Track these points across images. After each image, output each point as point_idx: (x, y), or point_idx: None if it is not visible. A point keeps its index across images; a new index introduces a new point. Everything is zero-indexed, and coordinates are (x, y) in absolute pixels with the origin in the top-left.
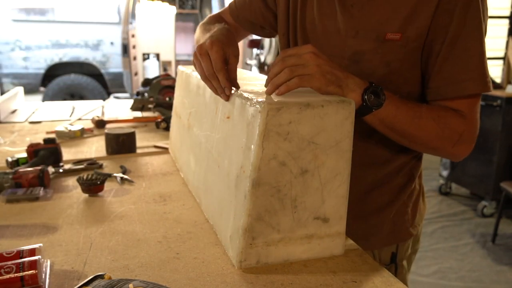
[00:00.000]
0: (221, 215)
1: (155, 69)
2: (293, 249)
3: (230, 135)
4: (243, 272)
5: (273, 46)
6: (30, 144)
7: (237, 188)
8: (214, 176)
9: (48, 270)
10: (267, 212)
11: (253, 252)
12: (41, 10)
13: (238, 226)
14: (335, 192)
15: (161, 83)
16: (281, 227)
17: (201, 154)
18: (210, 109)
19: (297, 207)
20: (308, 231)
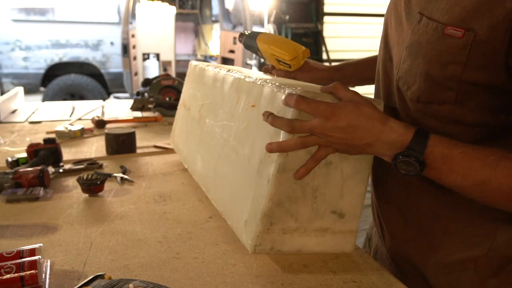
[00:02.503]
0: (235, 201)
1: (155, 69)
2: (307, 240)
3: (255, 122)
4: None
5: None
6: (30, 144)
7: (259, 173)
8: (229, 163)
9: (48, 270)
10: (288, 199)
11: (269, 238)
12: (41, 10)
13: (256, 210)
14: (354, 189)
15: (161, 83)
16: (299, 216)
17: (213, 144)
18: (230, 99)
19: (317, 198)
20: (324, 224)
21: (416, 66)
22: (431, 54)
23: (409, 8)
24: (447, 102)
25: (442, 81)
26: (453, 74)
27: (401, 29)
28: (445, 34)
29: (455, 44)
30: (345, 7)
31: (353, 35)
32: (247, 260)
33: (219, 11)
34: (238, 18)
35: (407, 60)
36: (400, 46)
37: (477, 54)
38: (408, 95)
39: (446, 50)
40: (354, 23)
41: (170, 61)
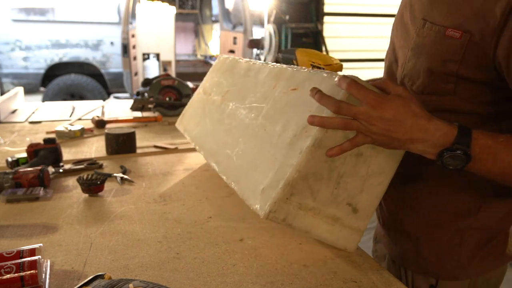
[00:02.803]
0: (255, 171)
1: (155, 69)
2: (318, 224)
3: (293, 103)
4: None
5: (273, 46)
6: (30, 144)
7: (291, 145)
8: (253, 138)
9: (48, 270)
10: (313, 175)
11: (285, 208)
12: (41, 10)
13: (280, 179)
14: (374, 188)
15: (161, 83)
16: (318, 196)
17: (234, 124)
18: (265, 85)
19: (339, 184)
20: (337, 213)
21: (420, 63)
22: (433, 53)
23: (414, 15)
24: (446, 94)
25: (442, 76)
26: (451, 70)
27: (406, 35)
28: (446, 35)
29: (453, 44)
30: (345, 7)
31: (353, 35)
32: (247, 260)
33: (219, 11)
34: (238, 18)
35: (412, 59)
36: (405, 48)
37: (471, 54)
38: (413, 89)
39: (446, 49)
40: (354, 23)
41: (170, 61)
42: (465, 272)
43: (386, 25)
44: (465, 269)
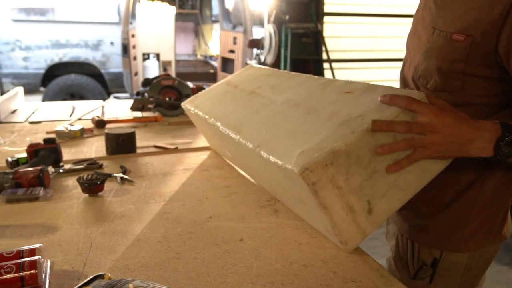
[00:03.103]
0: (289, 138)
1: (155, 69)
2: (336, 205)
3: (346, 100)
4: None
5: (273, 46)
6: (30, 144)
7: (341, 125)
8: (289, 119)
9: (48, 270)
10: (356, 158)
11: (319, 173)
12: (41, 10)
13: (325, 146)
14: (393, 200)
15: (161, 83)
16: (350, 179)
17: (266, 108)
18: (312, 87)
19: (371, 178)
20: (356, 204)
21: (431, 64)
22: (442, 55)
23: (425, 25)
24: (456, 90)
25: (451, 74)
26: (458, 69)
27: (419, 42)
28: (452, 39)
29: (459, 46)
30: (345, 7)
31: (353, 35)
32: (247, 260)
33: (219, 11)
34: (238, 18)
35: (424, 62)
36: (417, 54)
37: (475, 53)
38: (428, 87)
39: (453, 51)
40: (354, 23)
41: (170, 61)
42: (467, 245)
43: (386, 25)
44: (468, 243)
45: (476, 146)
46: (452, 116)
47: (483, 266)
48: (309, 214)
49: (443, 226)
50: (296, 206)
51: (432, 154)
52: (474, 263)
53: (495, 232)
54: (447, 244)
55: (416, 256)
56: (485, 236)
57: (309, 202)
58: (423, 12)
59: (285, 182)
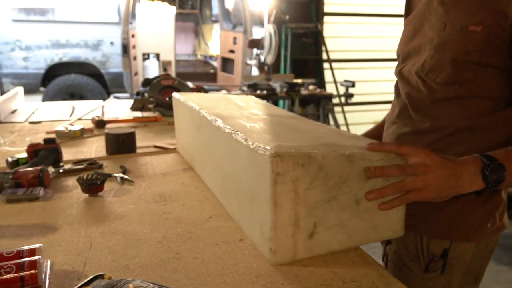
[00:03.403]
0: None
1: (155, 69)
2: (285, 208)
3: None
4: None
5: (273, 46)
6: (30, 144)
7: (324, 145)
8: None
9: (48, 270)
10: (326, 174)
11: (287, 168)
12: (41, 10)
13: (302, 149)
14: (334, 238)
15: (161, 83)
16: (310, 191)
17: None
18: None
19: (328, 202)
20: (303, 221)
21: (444, 57)
22: (457, 46)
23: (431, 24)
24: (467, 82)
25: (465, 65)
26: (473, 59)
27: (424, 41)
28: (468, 31)
29: (475, 37)
30: (345, 7)
31: (353, 35)
32: (247, 260)
33: (219, 11)
34: (238, 18)
35: (435, 56)
36: (423, 52)
37: (490, 44)
38: (437, 81)
39: (469, 42)
40: (354, 23)
41: (170, 61)
42: (475, 235)
43: (386, 25)
44: (475, 233)
45: (466, 180)
46: (438, 155)
47: (488, 256)
48: (251, 215)
49: (451, 218)
50: (239, 207)
51: (427, 196)
52: (480, 252)
53: (498, 221)
54: (456, 235)
55: (426, 249)
56: (491, 225)
57: (258, 198)
58: (424, 15)
59: (244, 173)
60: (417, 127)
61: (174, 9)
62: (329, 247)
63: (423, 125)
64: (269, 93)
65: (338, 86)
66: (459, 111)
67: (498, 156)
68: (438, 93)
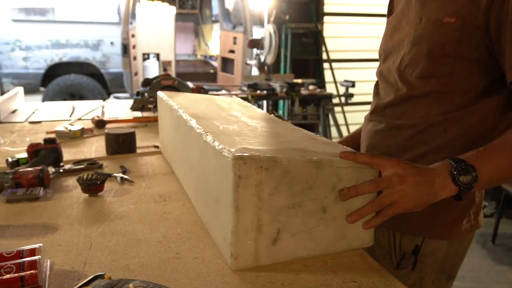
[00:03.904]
0: (238, 139)
1: (155, 69)
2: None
3: (306, 140)
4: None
5: (273, 46)
6: (31, 144)
7: (293, 150)
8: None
9: (48, 270)
10: (291, 179)
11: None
12: (41, 10)
13: (268, 153)
14: (299, 245)
15: (161, 83)
16: (274, 196)
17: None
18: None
19: (293, 208)
20: (266, 226)
21: (420, 50)
22: (433, 39)
23: (409, 20)
24: (444, 76)
25: (441, 57)
26: (449, 51)
27: (403, 36)
28: (443, 23)
29: (450, 28)
30: (345, 7)
31: (353, 35)
32: None
33: (219, 11)
34: (238, 18)
35: (412, 50)
36: (402, 47)
37: (466, 35)
38: (413, 76)
39: (444, 34)
40: (354, 23)
41: (170, 61)
42: (449, 232)
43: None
44: (449, 230)
45: (439, 185)
46: (409, 164)
47: (462, 254)
48: (217, 218)
49: (425, 214)
50: (207, 210)
51: (405, 206)
52: (453, 250)
53: (473, 219)
54: (430, 232)
55: (398, 246)
56: (466, 223)
57: (223, 201)
58: (403, 12)
59: (212, 175)
60: (391, 123)
61: (174, 9)
62: (294, 254)
63: (397, 121)
64: (269, 93)
65: (338, 86)
66: (434, 106)
67: (468, 157)
68: (415, 88)
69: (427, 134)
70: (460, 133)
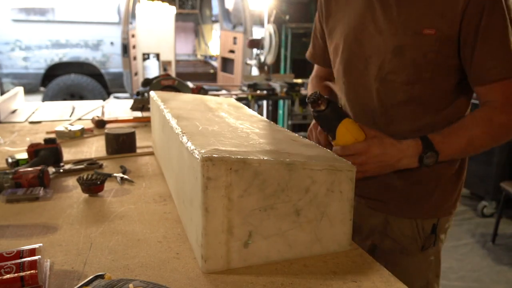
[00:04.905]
0: (213, 139)
1: (155, 69)
2: (217, 215)
3: (285, 142)
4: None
5: (273, 46)
6: (31, 144)
7: (267, 152)
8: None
9: (48, 270)
10: (262, 182)
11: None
12: (41, 10)
13: (239, 154)
14: (273, 248)
15: (161, 83)
16: (245, 198)
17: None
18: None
19: (265, 211)
20: (237, 229)
21: (403, 59)
22: (415, 50)
23: (379, 30)
24: (426, 80)
25: (424, 66)
26: (430, 59)
27: (372, 46)
28: (423, 34)
29: (430, 39)
30: None
31: None
32: None
33: (219, 11)
34: (238, 18)
35: (394, 59)
36: (379, 55)
37: (445, 44)
38: (398, 81)
39: (426, 44)
40: None
41: (170, 61)
42: (453, 208)
43: None
44: (453, 207)
45: (403, 163)
46: (377, 147)
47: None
48: (191, 219)
49: (439, 199)
50: (184, 211)
51: (366, 175)
52: (449, 221)
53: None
54: (441, 212)
55: (421, 229)
56: (457, 197)
57: (195, 202)
58: (365, 19)
59: (187, 176)
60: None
61: (174, 9)
62: (268, 257)
63: (387, 129)
64: (269, 93)
65: None
66: (419, 110)
67: (436, 141)
68: (401, 94)
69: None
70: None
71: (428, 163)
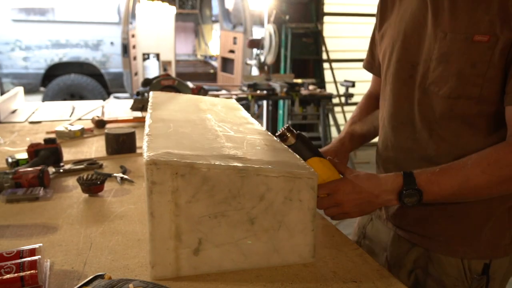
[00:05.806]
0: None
1: (155, 69)
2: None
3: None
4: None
5: (273, 46)
6: (31, 144)
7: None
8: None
9: (48, 270)
10: (211, 187)
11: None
12: (41, 10)
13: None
14: (226, 257)
15: (161, 83)
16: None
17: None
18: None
19: (216, 218)
20: (185, 235)
21: (448, 69)
22: (463, 58)
23: (425, 33)
24: (472, 97)
25: (471, 78)
26: (480, 71)
27: (419, 53)
28: (474, 41)
29: (482, 47)
30: (345, 7)
31: (353, 35)
32: None
33: (219, 11)
34: (238, 18)
35: (439, 68)
36: (425, 63)
37: (498, 54)
38: (440, 94)
39: (475, 53)
40: (354, 23)
41: (170, 61)
42: (510, 248)
43: None
44: (510, 246)
45: (382, 199)
46: (350, 184)
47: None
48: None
49: (490, 237)
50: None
51: (347, 217)
52: (510, 262)
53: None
54: (495, 252)
55: (468, 270)
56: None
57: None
58: (417, 23)
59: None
60: (422, 154)
61: (174, 9)
62: (220, 266)
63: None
64: (269, 93)
65: (338, 86)
66: (463, 131)
67: (421, 180)
68: (438, 108)
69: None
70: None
71: (407, 202)
